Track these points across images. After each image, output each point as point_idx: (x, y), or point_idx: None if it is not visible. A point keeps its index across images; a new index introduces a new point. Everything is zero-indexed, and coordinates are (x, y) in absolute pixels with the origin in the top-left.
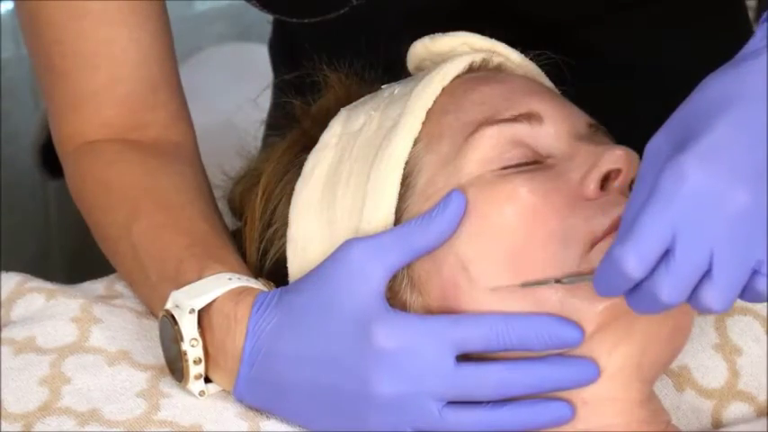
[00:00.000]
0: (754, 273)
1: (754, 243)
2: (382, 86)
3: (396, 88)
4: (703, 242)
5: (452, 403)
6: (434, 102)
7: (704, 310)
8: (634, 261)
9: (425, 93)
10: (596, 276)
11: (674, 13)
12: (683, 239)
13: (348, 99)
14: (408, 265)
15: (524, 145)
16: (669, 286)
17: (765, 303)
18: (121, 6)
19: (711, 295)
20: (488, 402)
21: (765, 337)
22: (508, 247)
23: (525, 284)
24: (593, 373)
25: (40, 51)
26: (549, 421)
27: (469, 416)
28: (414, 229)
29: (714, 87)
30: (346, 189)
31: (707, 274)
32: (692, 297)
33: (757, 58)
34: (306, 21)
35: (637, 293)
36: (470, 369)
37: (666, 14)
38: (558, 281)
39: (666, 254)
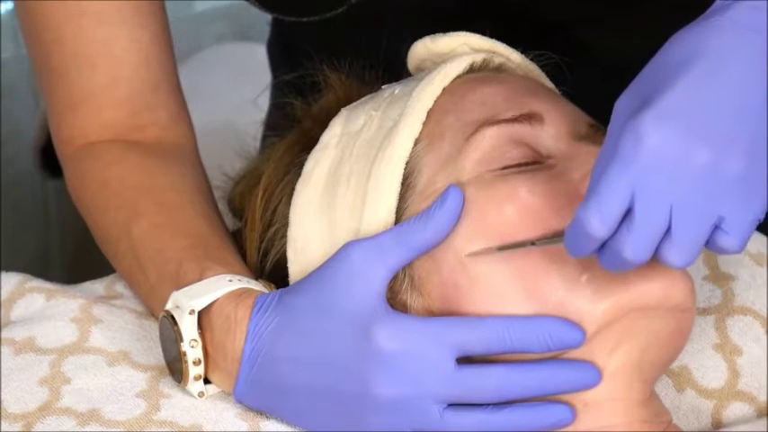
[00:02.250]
0: (716, 228)
1: (715, 200)
2: (382, 86)
3: (396, 88)
4: (662, 201)
5: (453, 405)
6: (435, 102)
7: (668, 266)
8: (597, 222)
9: (426, 93)
10: (566, 237)
11: (675, 13)
12: (641, 199)
13: (348, 99)
14: (408, 265)
15: (525, 145)
16: (632, 245)
17: (765, 303)
18: (121, 6)
19: (672, 252)
20: (489, 405)
21: (765, 337)
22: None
23: (502, 247)
24: (594, 377)
25: (39, 52)
26: (550, 424)
27: (470, 418)
28: (413, 228)
29: (678, 45)
30: (347, 189)
31: (668, 231)
32: (656, 253)
33: (722, 15)
34: (304, 19)
35: (605, 252)
36: (471, 371)
37: (666, 14)
38: (533, 243)
39: (628, 213)
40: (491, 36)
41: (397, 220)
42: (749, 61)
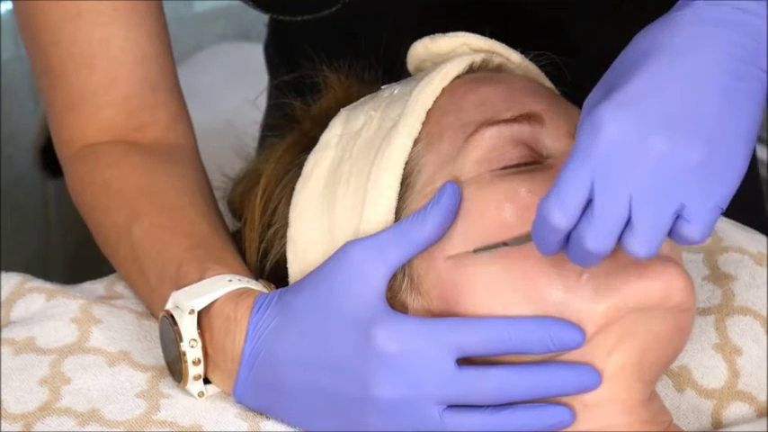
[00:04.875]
0: (679, 217)
1: (674, 188)
2: (382, 87)
3: (396, 88)
4: (621, 190)
5: (453, 407)
6: (434, 102)
7: (632, 256)
8: (558, 213)
9: (425, 93)
10: (532, 233)
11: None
12: (600, 189)
13: (348, 99)
14: (407, 264)
15: (524, 145)
16: (592, 235)
17: (765, 303)
18: (116, 6)
19: (634, 242)
20: (488, 406)
21: (765, 337)
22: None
23: (477, 250)
24: (594, 379)
25: (37, 53)
26: (550, 425)
27: (470, 419)
28: (411, 225)
29: (643, 40)
30: (346, 189)
31: (629, 220)
32: (620, 243)
33: (683, 10)
34: (298, 18)
35: (570, 245)
36: (471, 373)
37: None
38: (505, 243)
39: (590, 203)
40: (491, 36)
41: (397, 220)
42: (708, 53)
